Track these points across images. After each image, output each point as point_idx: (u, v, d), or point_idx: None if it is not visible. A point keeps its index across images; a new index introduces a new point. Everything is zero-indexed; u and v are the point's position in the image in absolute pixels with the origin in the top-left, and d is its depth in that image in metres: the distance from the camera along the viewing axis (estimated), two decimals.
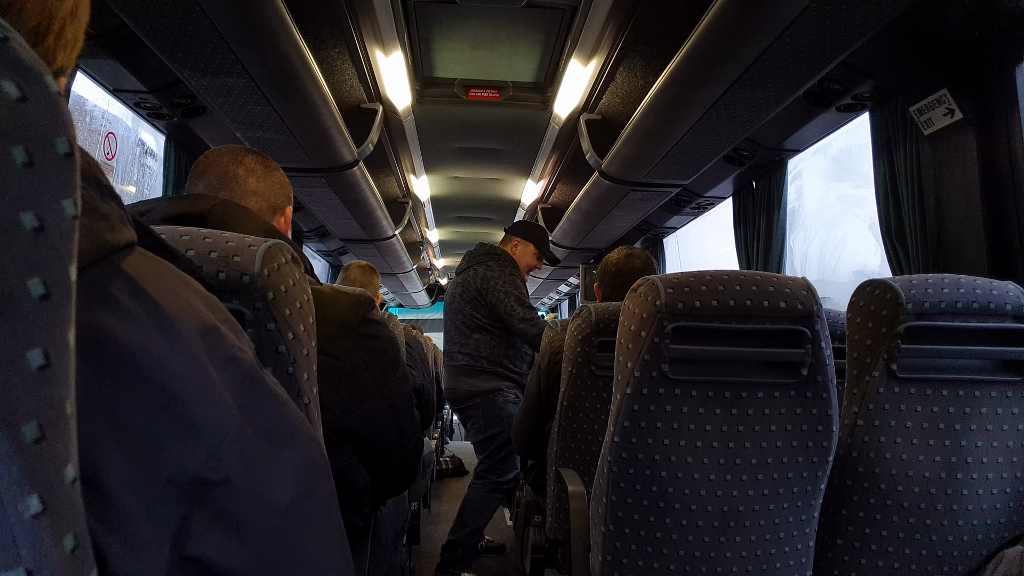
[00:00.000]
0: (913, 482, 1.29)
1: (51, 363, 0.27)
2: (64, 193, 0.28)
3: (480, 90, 3.49)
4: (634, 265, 2.15)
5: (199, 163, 1.17)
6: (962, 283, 1.29)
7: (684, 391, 1.19)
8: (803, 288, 1.22)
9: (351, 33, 2.74)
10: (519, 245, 3.24)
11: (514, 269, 3.12)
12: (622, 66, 2.92)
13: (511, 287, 3.03)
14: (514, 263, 3.16)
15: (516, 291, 3.02)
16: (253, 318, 0.74)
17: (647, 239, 5.25)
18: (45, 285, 0.26)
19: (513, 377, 3.08)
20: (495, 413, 3.00)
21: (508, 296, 3.02)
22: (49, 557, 0.26)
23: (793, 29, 1.82)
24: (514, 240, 3.25)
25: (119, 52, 2.46)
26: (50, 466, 0.26)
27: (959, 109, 2.02)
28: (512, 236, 3.27)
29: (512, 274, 3.09)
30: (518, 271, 3.14)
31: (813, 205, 3.78)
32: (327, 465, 0.54)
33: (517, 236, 3.26)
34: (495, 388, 3.02)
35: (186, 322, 0.41)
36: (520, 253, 3.23)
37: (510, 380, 3.06)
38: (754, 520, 1.23)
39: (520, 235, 3.26)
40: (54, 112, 0.27)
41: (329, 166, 3.45)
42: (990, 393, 1.30)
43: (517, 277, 3.09)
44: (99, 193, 0.38)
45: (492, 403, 3.01)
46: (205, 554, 0.41)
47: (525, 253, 3.24)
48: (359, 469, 1.13)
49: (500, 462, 3.02)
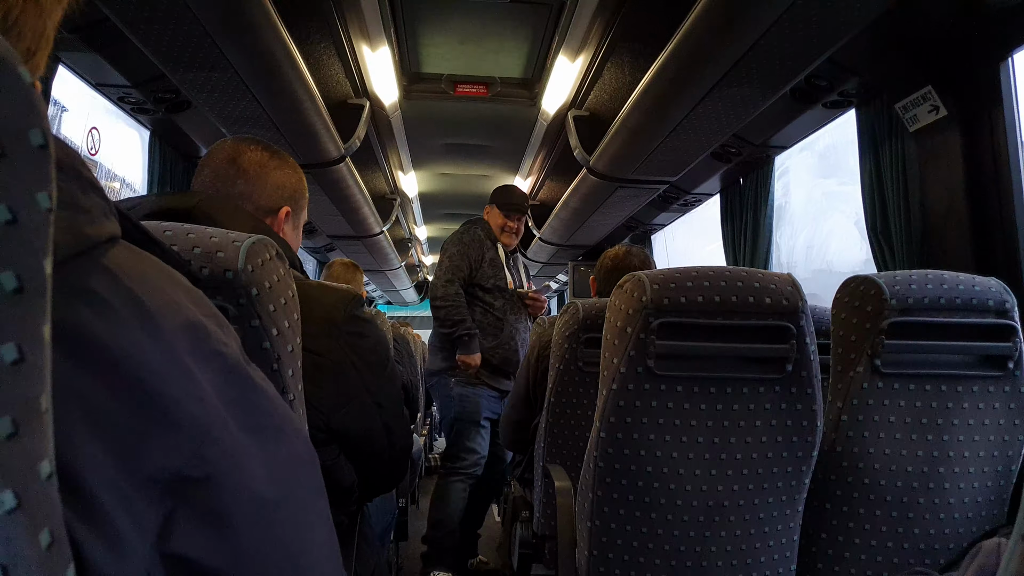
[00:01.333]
0: (896, 476, 1.30)
1: (25, 358, 0.26)
2: (38, 185, 0.27)
3: (467, 86, 3.48)
4: (631, 263, 2.17)
5: (201, 159, 1.17)
6: (946, 279, 1.30)
7: (669, 386, 1.20)
8: (788, 284, 1.22)
9: (337, 28, 2.73)
10: (489, 211, 3.12)
11: (472, 238, 2.99)
12: (609, 62, 2.92)
13: (447, 256, 2.94)
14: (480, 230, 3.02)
15: (449, 261, 2.92)
16: (237, 314, 0.73)
17: (635, 236, 5.26)
18: (18, 279, 0.26)
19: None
20: (444, 393, 2.92)
21: (439, 266, 2.95)
22: (24, 552, 0.26)
23: (779, 26, 1.82)
24: (487, 208, 3.15)
25: (101, 46, 2.43)
26: (24, 461, 0.26)
27: (944, 106, 2.04)
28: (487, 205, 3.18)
29: (462, 242, 2.96)
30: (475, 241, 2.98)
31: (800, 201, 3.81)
32: (315, 460, 0.54)
33: (488, 204, 3.16)
34: (446, 368, 2.90)
35: (168, 317, 0.40)
36: (491, 217, 3.10)
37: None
38: (739, 514, 1.23)
39: (490, 200, 3.16)
40: (27, 103, 0.27)
41: (315, 162, 3.43)
42: (972, 388, 1.31)
43: (470, 248, 2.95)
44: (80, 186, 0.37)
45: (442, 383, 2.92)
46: (189, 552, 0.40)
47: (493, 215, 3.10)
48: (346, 467, 1.12)
49: (452, 446, 2.91)
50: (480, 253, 2.94)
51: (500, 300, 2.95)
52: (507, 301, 2.97)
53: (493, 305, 2.94)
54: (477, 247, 2.94)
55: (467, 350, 2.81)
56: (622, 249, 2.26)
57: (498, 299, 2.95)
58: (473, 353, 2.81)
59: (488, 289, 2.93)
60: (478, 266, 2.91)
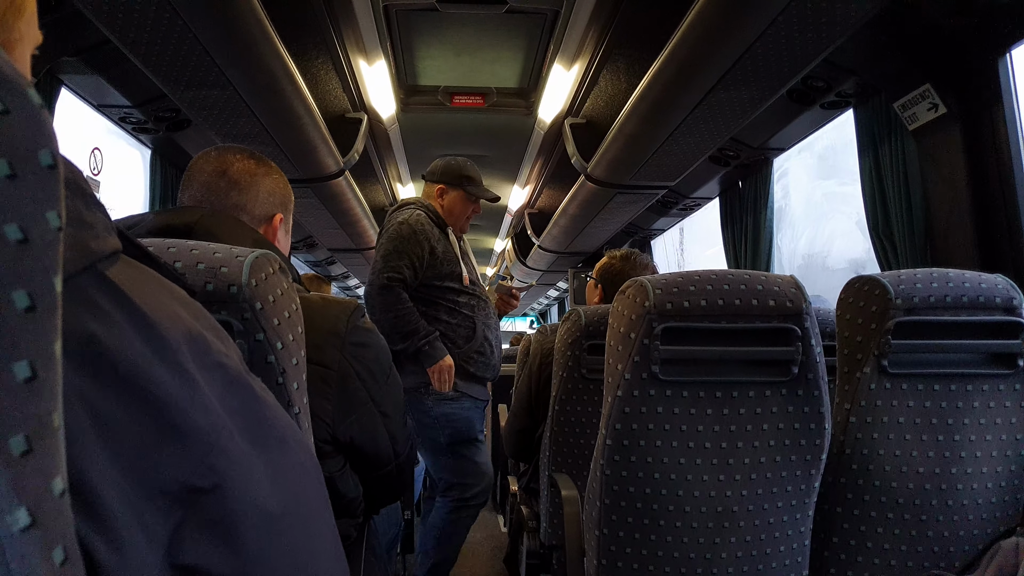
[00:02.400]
0: (907, 478, 1.29)
1: (37, 375, 0.26)
2: (48, 205, 0.28)
3: (464, 97, 3.50)
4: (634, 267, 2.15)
5: (187, 172, 1.16)
6: (951, 277, 1.30)
7: (675, 392, 1.19)
8: (791, 286, 1.22)
9: (334, 43, 2.75)
10: (443, 193, 2.44)
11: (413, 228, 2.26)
12: (605, 69, 2.93)
13: (380, 255, 2.27)
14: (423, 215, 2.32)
15: (383, 260, 2.24)
16: (242, 329, 0.74)
17: (635, 241, 5.27)
18: (30, 297, 0.26)
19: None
20: (421, 416, 2.30)
21: (379, 250, 2.28)
22: (39, 570, 0.26)
23: (775, 27, 1.83)
24: (436, 188, 2.44)
25: (103, 67, 2.46)
26: (38, 479, 0.26)
27: (943, 103, 2.04)
28: (432, 183, 2.46)
29: (400, 236, 2.25)
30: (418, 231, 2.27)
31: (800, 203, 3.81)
32: (319, 470, 0.54)
33: (439, 182, 2.44)
34: (418, 384, 2.27)
35: (171, 329, 0.41)
36: (448, 202, 2.44)
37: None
38: (749, 520, 1.22)
39: (443, 180, 2.44)
40: (37, 125, 0.28)
41: (315, 176, 3.45)
42: (981, 387, 1.30)
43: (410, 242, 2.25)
44: (83, 202, 0.38)
45: (417, 403, 2.28)
46: (198, 562, 0.41)
47: (453, 201, 2.44)
48: (351, 478, 1.12)
49: (455, 472, 2.37)
50: (425, 247, 2.27)
51: (464, 296, 2.35)
52: (472, 296, 2.38)
53: (458, 302, 2.34)
54: (420, 239, 2.26)
55: (433, 358, 2.23)
56: (622, 252, 2.24)
57: (461, 295, 2.35)
58: (443, 357, 2.24)
59: (448, 287, 2.33)
60: (425, 261, 2.27)
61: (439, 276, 2.31)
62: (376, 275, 2.23)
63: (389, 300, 2.21)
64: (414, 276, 2.25)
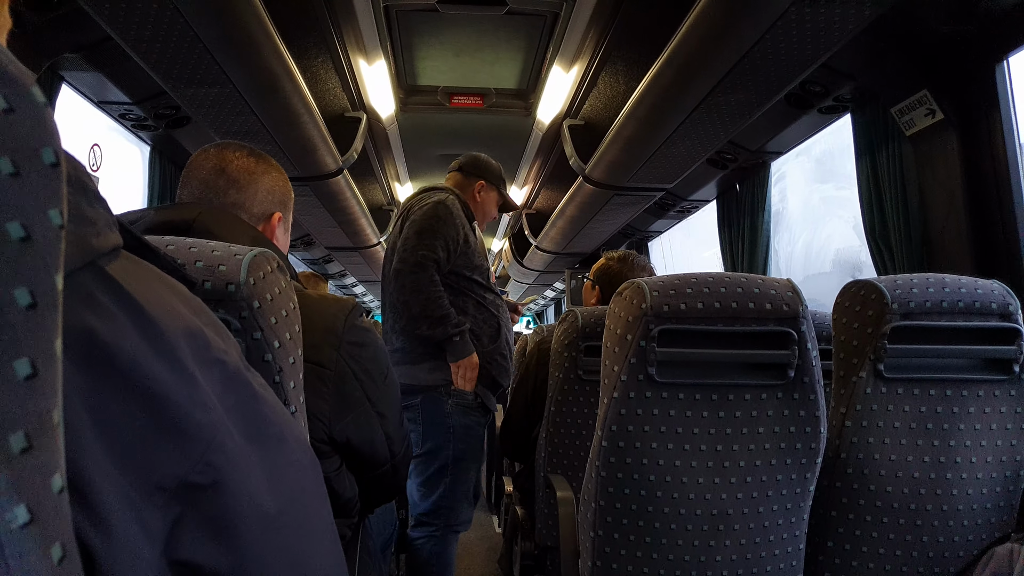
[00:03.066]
0: (902, 482, 1.30)
1: (38, 372, 0.26)
2: (50, 203, 0.28)
3: (463, 97, 3.51)
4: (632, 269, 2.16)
5: (186, 168, 1.16)
6: (947, 282, 1.30)
7: (671, 394, 1.19)
8: (788, 289, 1.22)
9: (334, 42, 2.75)
10: (483, 189, 2.33)
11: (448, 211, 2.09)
12: (604, 71, 2.94)
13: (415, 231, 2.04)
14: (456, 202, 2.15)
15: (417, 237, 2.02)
16: (240, 327, 0.74)
17: (632, 243, 5.27)
18: (32, 295, 0.26)
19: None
20: (437, 420, 2.06)
21: (421, 222, 2.05)
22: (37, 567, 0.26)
23: (774, 32, 1.83)
24: (477, 183, 2.32)
25: (103, 64, 2.46)
26: (38, 476, 0.26)
27: (940, 109, 2.05)
28: (473, 177, 2.33)
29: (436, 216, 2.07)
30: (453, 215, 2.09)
31: (797, 207, 3.81)
32: (317, 467, 0.54)
33: (482, 178, 2.33)
34: (440, 383, 2.06)
35: (171, 326, 0.41)
36: (485, 199, 2.34)
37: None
38: (743, 523, 1.23)
39: (485, 177, 2.34)
40: (40, 122, 0.28)
41: (313, 175, 3.45)
42: (977, 392, 1.31)
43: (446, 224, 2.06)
44: (85, 198, 0.38)
45: (435, 404, 2.06)
46: (196, 558, 0.41)
47: (489, 200, 2.35)
48: (347, 478, 1.12)
49: (448, 496, 2.08)
50: (460, 232, 2.10)
51: (490, 294, 2.18)
52: (496, 296, 2.22)
53: (485, 298, 2.15)
54: (457, 223, 2.09)
55: (462, 352, 2.03)
56: (620, 253, 2.24)
57: (488, 292, 2.17)
58: (471, 353, 2.05)
59: (477, 280, 2.14)
60: (457, 248, 2.09)
61: (470, 267, 2.12)
62: (409, 251, 2.01)
63: (422, 280, 1.99)
64: (447, 260, 2.05)
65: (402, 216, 2.19)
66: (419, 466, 2.08)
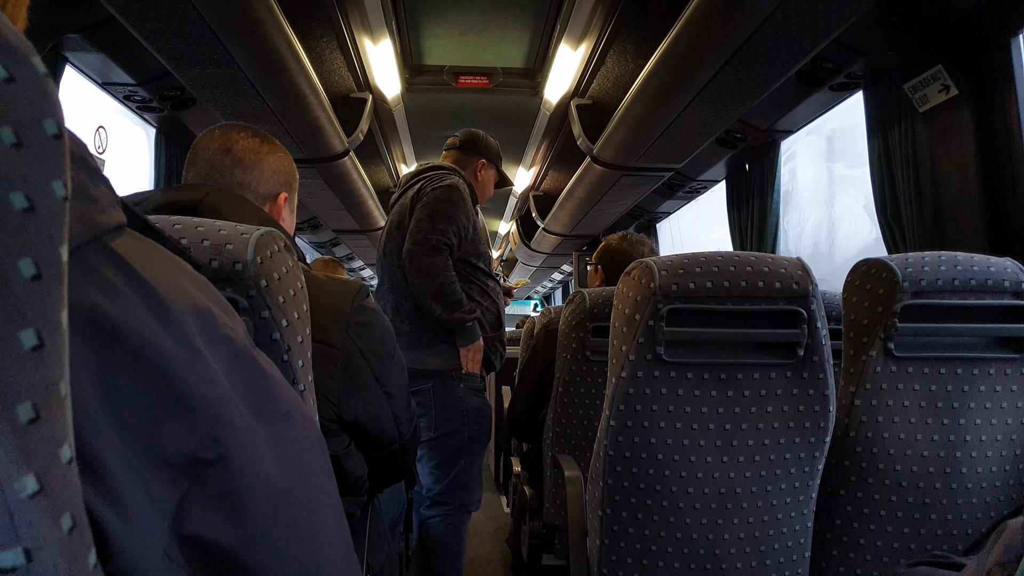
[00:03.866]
0: (912, 461, 1.29)
1: (44, 343, 0.27)
2: (54, 174, 0.28)
3: (470, 77, 3.49)
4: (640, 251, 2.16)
5: (191, 150, 1.16)
6: (959, 260, 1.29)
7: (679, 373, 1.19)
8: (798, 268, 1.21)
9: (339, 22, 2.73)
10: (483, 168, 2.30)
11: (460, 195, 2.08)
12: (612, 49, 2.91)
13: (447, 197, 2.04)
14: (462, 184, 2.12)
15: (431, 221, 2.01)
16: (247, 306, 0.74)
17: (640, 224, 5.25)
18: (36, 266, 0.26)
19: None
20: (451, 404, 2.06)
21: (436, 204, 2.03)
22: (47, 536, 0.26)
23: (784, 7, 1.81)
24: (479, 161, 2.29)
25: (107, 45, 2.45)
26: (46, 446, 0.27)
27: (954, 85, 2.01)
28: (474, 155, 2.29)
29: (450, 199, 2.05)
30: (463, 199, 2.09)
31: (807, 186, 3.78)
32: (324, 444, 0.54)
33: (483, 156, 2.30)
34: (451, 367, 2.07)
35: (177, 302, 0.41)
36: (484, 178, 2.31)
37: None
38: (751, 502, 1.23)
39: (485, 155, 2.30)
40: (42, 93, 0.27)
41: (319, 156, 3.44)
42: (988, 371, 1.30)
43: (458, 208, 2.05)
44: (88, 176, 0.38)
45: (447, 389, 2.06)
46: (203, 533, 0.41)
47: (488, 179, 2.33)
48: (356, 457, 1.13)
49: (461, 475, 2.11)
50: (470, 218, 2.10)
51: (491, 281, 2.19)
52: (496, 283, 2.22)
53: (487, 285, 2.16)
54: (468, 209, 2.09)
55: (473, 337, 2.06)
56: (620, 234, 2.24)
57: (490, 279, 2.18)
58: (479, 338, 2.08)
59: (481, 267, 2.15)
60: (469, 234, 2.09)
61: (476, 254, 2.13)
62: (423, 234, 1.99)
63: (437, 264, 1.99)
64: (458, 246, 2.05)
65: (405, 191, 2.16)
66: (432, 449, 2.09)
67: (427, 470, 2.12)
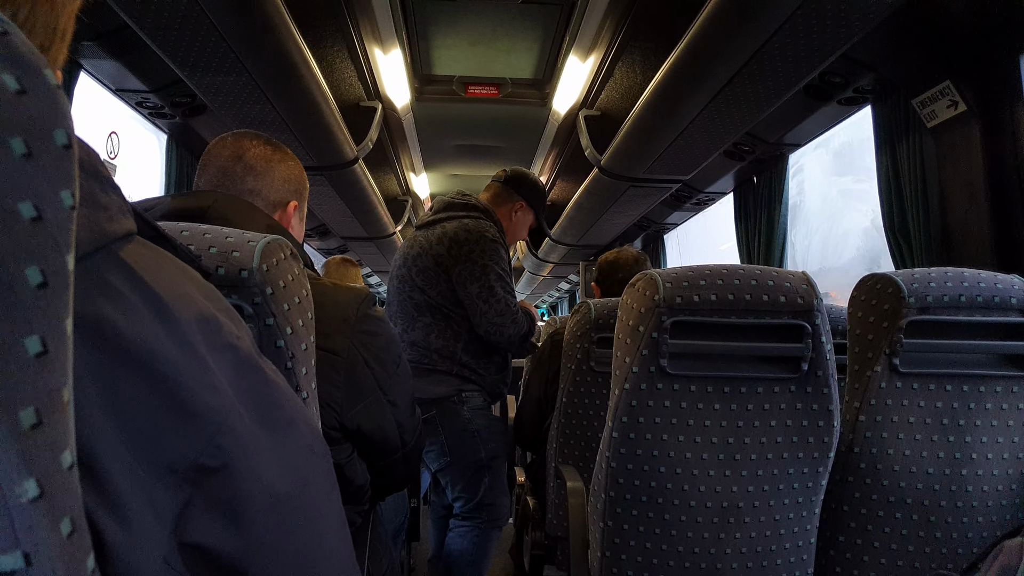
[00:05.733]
0: (916, 478, 1.28)
1: (48, 350, 0.27)
2: (62, 184, 0.28)
3: (479, 87, 3.50)
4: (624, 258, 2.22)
5: (203, 156, 1.17)
6: (966, 276, 1.28)
7: (683, 386, 1.19)
8: (803, 282, 1.21)
9: (350, 31, 2.75)
10: (520, 211, 2.29)
11: (501, 237, 2.11)
12: (621, 61, 2.92)
13: (492, 259, 2.03)
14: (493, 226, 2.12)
15: (498, 267, 2.03)
16: (252, 313, 0.74)
17: (647, 236, 5.24)
18: (43, 274, 0.27)
19: (475, 379, 2.11)
20: (460, 428, 2.06)
21: (487, 273, 2.01)
22: (46, 541, 0.26)
23: (793, 22, 1.81)
24: (517, 203, 2.28)
25: (121, 52, 2.48)
26: (47, 451, 0.27)
27: (963, 101, 2.01)
28: (514, 195, 2.28)
29: (496, 241, 2.06)
30: (504, 241, 2.12)
31: (815, 200, 3.78)
32: (327, 454, 0.54)
33: (522, 198, 2.29)
34: (452, 393, 2.07)
35: (184, 310, 0.41)
36: (519, 221, 2.30)
37: (473, 383, 2.11)
38: (754, 516, 1.22)
39: (526, 197, 2.29)
40: (53, 104, 0.28)
41: (329, 164, 3.46)
42: (995, 388, 1.29)
43: (502, 248, 2.07)
44: (98, 184, 0.39)
45: (452, 415, 2.06)
46: (205, 540, 0.41)
47: (524, 222, 2.32)
48: (359, 466, 1.13)
49: (488, 492, 2.12)
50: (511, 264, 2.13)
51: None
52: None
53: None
54: (507, 257, 2.11)
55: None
56: (614, 250, 2.30)
57: None
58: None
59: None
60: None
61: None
62: (512, 314, 2.03)
63: (520, 327, 2.06)
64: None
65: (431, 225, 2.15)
66: (453, 474, 2.10)
67: (455, 493, 2.14)
